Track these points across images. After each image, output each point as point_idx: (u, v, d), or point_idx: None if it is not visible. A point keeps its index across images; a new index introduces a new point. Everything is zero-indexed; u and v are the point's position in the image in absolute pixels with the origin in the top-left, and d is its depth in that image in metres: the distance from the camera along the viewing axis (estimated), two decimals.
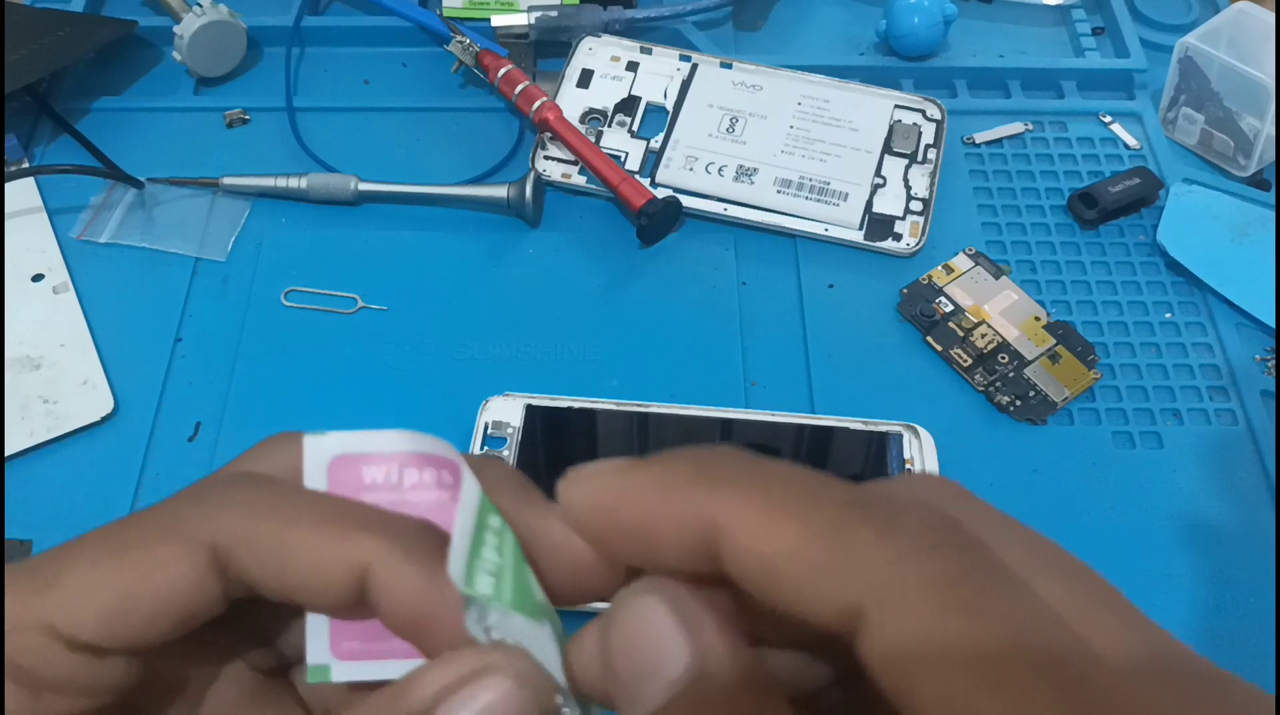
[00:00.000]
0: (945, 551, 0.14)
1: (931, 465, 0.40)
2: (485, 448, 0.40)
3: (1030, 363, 0.45)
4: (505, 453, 0.40)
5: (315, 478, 0.19)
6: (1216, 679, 0.14)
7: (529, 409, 0.41)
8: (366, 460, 0.19)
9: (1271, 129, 0.49)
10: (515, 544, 0.18)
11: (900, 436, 0.41)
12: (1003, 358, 0.45)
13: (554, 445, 0.41)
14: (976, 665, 0.13)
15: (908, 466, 0.40)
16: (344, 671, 0.18)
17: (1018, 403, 0.44)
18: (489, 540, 0.17)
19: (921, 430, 0.41)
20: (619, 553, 0.17)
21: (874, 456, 0.40)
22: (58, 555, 0.18)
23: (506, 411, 0.41)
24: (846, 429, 0.41)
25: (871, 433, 0.41)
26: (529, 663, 0.17)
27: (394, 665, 0.18)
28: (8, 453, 0.41)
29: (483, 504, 0.18)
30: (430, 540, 0.18)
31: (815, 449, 0.41)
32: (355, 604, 0.18)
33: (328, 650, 0.19)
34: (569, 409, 0.41)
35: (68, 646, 0.17)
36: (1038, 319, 0.46)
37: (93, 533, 0.19)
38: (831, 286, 0.47)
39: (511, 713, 0.16)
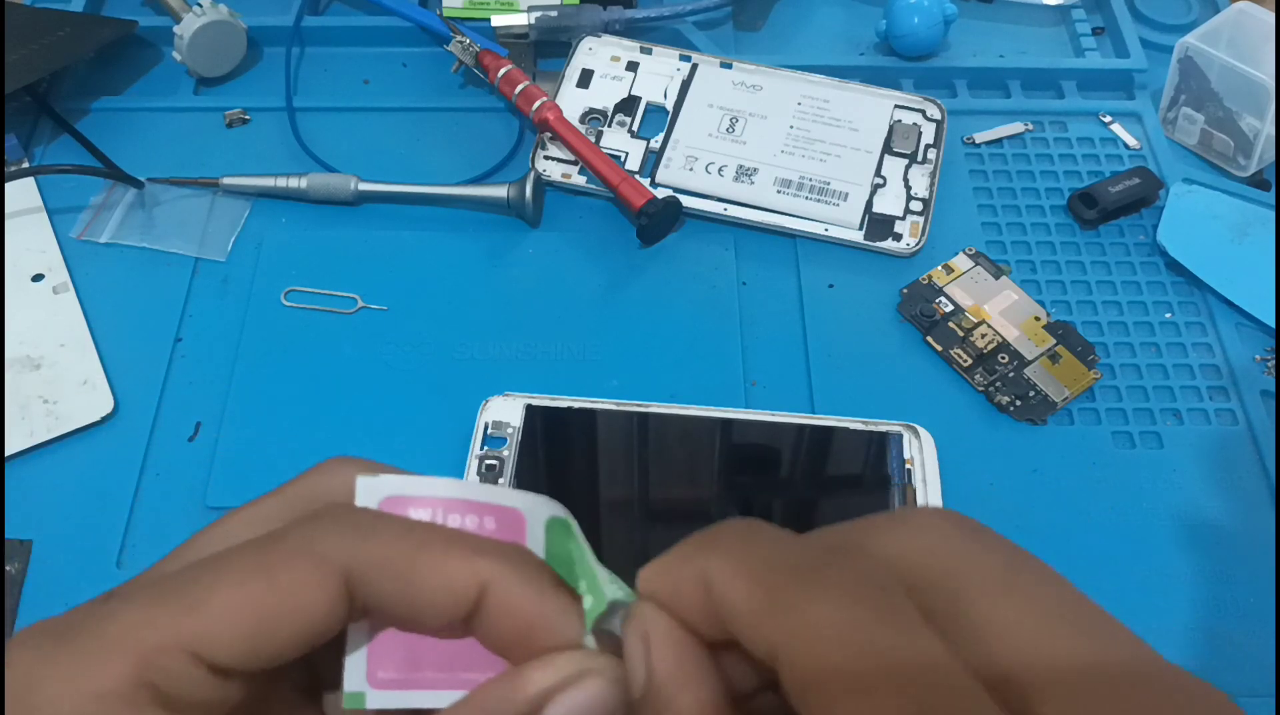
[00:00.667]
0: (856, 599, 0.17)
1: (931, 465, 0.40)
2: (485, 447, 0.40)
3: (1030, 363, 0.45)
4: (505, 453, 0.40)
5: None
6: (1181, 687, 0.16)
7: (529, 409, 0.41)
8: (414, 502, 0.21)
9: (1271, 129, 0.49)
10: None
11: (900, 436, 0.41)
12: (1003, 358, 0.45)
13: (554, 445, 0.41)
14: (851, 683, 0.16)
15: (907, 466, 0.40)
16: (378, 700, 0.19)
17: (1018, 403, 0.44)
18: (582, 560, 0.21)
19: (921, 430, 0.41)
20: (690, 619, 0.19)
21: (874, 456, 0.40)
22: (200, 574, 0.19)
23: (506, 411, 0.41)
24: (846, 429, 0.41)
25: (871, 433, 0.41)
26: (620, 666, 0.19)
27: (427, 695, 0.19)
28: (8, 453, 0.41)
29: (549, 534, 0.22)
30: (534, 562, 0.20)
31: (815, 449, 0.41)
32: (467, 619, 0.20)
33: (364, 679, 0.19)
34: (569, 409, 0.41)
35: (209, 669, 0.18)
36: (1038, 319, 0.46)
37: (232, 551, 0.19)
38: (831, 286, 0.47)
39: (606, 710, 0.19)
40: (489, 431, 0.40)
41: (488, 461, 0.40)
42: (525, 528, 0.22)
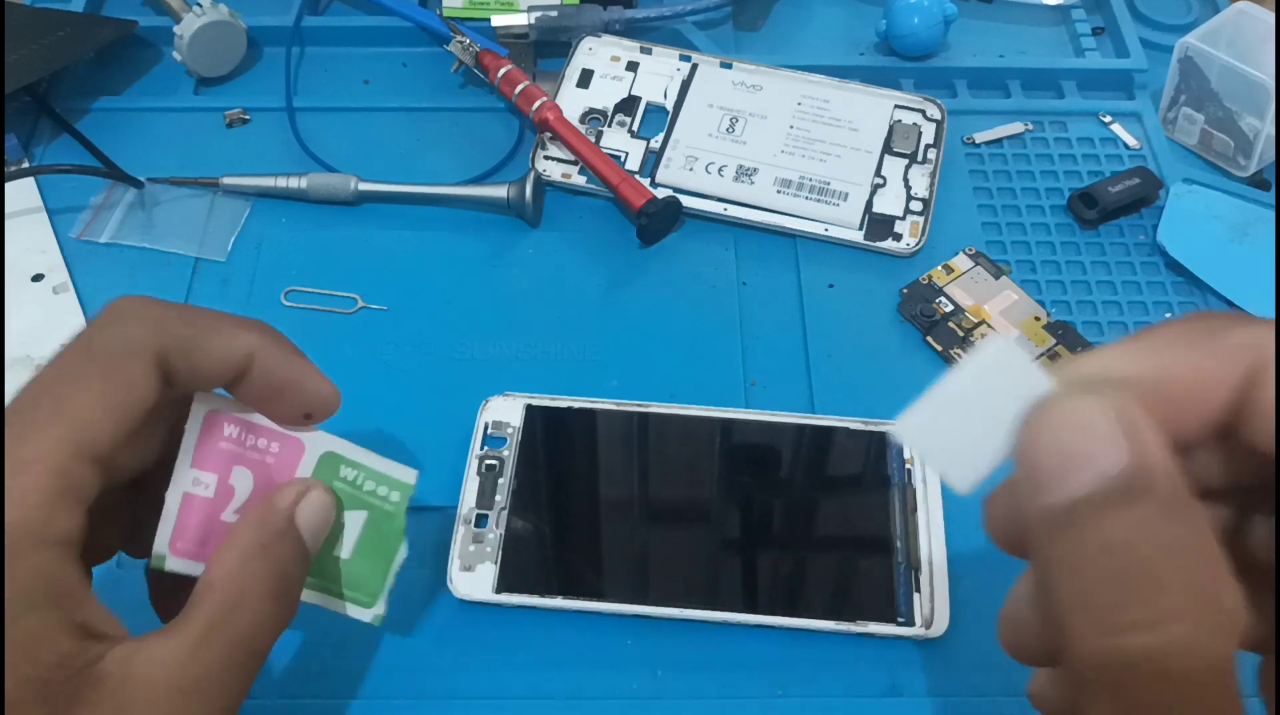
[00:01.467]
0: None
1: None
2: (485, 447, 0.40)
3: None
4: (505, 453, 0.40)
5: (193, 422, 0.29)
6: None
7: (529, 409, 0.41)
8: (228, 419, 0.30)
9: (1271, 129, 0.49)
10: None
11: None
12: None
13: (554, 445, 0.40)
14: None
15: (908, 466, 0.40)
16: (174, 564, 0.29)
17: None
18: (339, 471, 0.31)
19: None
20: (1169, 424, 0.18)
21: (874, 456, 0.40)
22: (57, 393, 0.26)
23: (506, 411, 0.41)
24: (846, 429, 0.41)
25: (872, 433, 0.41)
26: (329, 491, 0.30)
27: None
28: None
29: (320, 461, 0.31)
30: (287, 343, 0.29)
31: (815, 449, 0.41)
32: (239, 380, 0.28)
33: (167, 545, 0.29)
34: (569, 409, 0.41)
35: (98, 464, 0.25)
36: (1038, 319, 0.46)
37: (68, 369, 0.26)
38: (831, 286, 0.47)
39: (329, 509, 0.30)
40: (489, 431, 0.40)
41: (487, 461, 0.40)
42: (304, 453, 0.31)
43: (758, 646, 0.37)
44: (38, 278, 0.47)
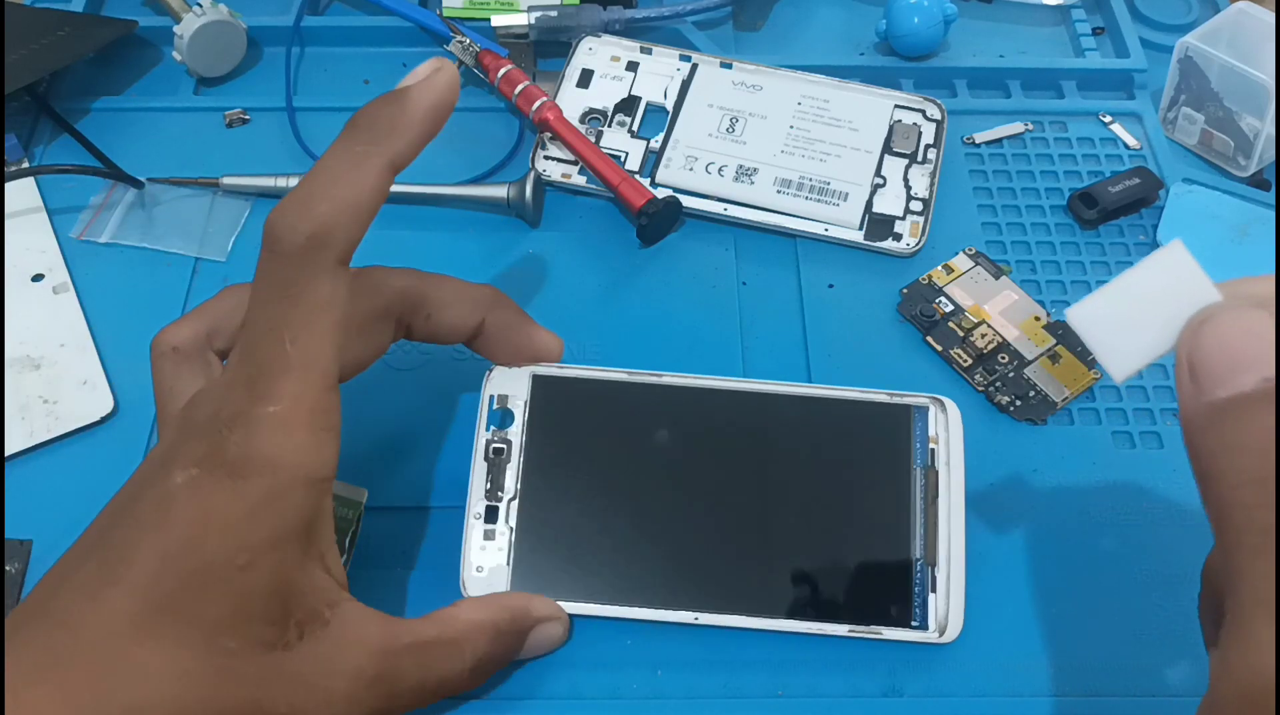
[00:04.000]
0: None
1: (957, 442, 0.38)
2: (491, 428, 0.38)
3: (1030, 363, 0.45)
4: (512, 435, 0.38)
5: None
6: None
7: (536, 379, 0.39)
8: None
9: (1271, 129, 0.49)
10: None
11: (926, 411, 0.39)
12: (1003, 358, 0.45)
13: (566, 417, 0.39)
14: None
15: (931, 446, 0.38)
16: None
17: (1018, 403, 0.44)
18: None
19: (949, 404, 0.38)
20: None
21: (897, 430, 0.38)
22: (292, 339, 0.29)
23: (512, 384, 0.39)
24: (870, 402, 0.39)
25: (893, 406, 0.39)
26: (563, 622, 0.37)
27: None
28: (8, 453, 0.41)
29: None
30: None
31: (836, 423, 0.39)
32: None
33: None
34: (578, 379, 0.39)
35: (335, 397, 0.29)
36: (1038, 319, 0.46)
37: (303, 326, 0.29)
38: (831, 286, 0.47)
39: (552, 638, 0.36)
40: (494, 405, 0.38)
41: (495, 445, 0.38)
42: None
43: (758, 646, 0.37)
44: (38, 278, 0.47)
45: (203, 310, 0.33)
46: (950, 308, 0.46)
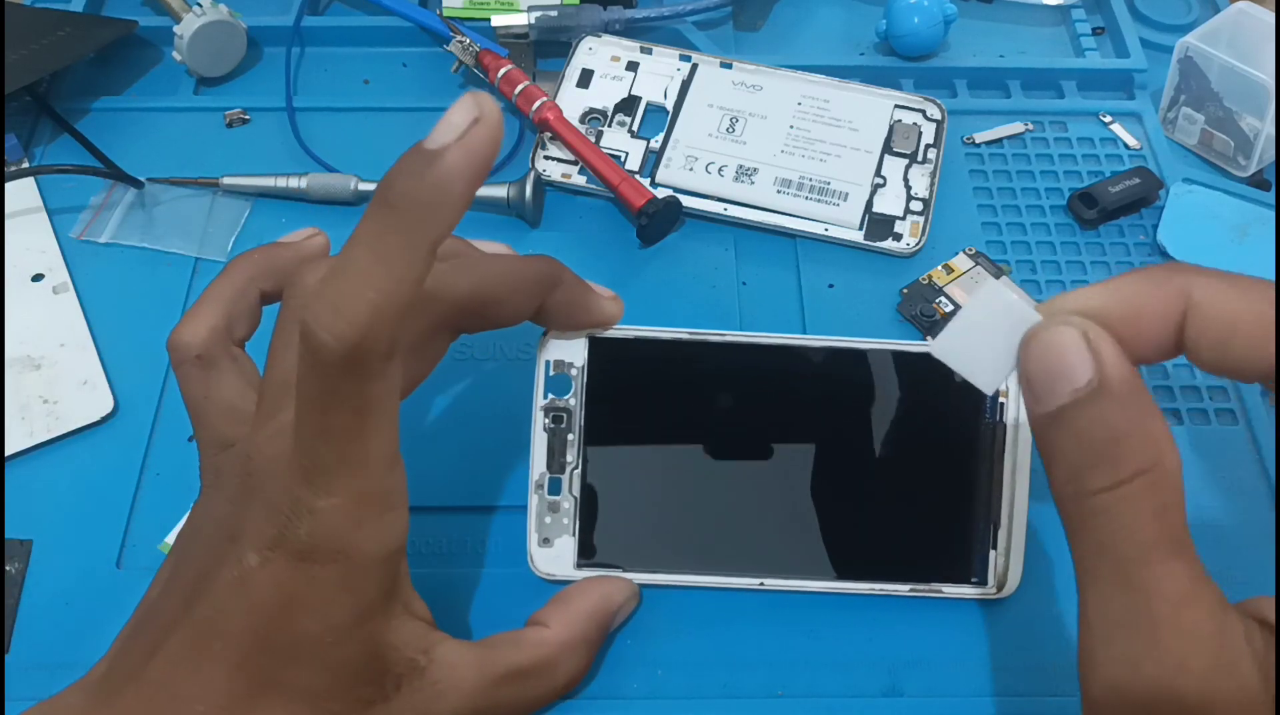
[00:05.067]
0: None
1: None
2: (549, 396, 0.37)
3: None
4: (571, 401, 0.37)
5: None
6: None
7: (593, 343, 0.37)
8: None
9: (1271, 129, 0.49)
10: None
11: None
12: None
13: (624, 380, 0.37)
14: None
15: (1001, 400, 0.36)
16: None
17: None
18: None
19: None
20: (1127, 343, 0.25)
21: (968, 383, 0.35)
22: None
23: (568, 349, 0.37)
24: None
25: None
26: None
27: None
28: (8, 453, 0.41)
29: None
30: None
31: (902, 377, 0.37)
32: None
33: None
34: (635, 340, 0.37)
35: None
36: None
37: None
38: (831, 286, 0.47)
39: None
40: (550, 371, 0.37)
41: (554, 413, 0.37)
42: None
43: (758, 646, 0.37)
44: (38, 278, 0.47)
45: (215, 296, 0.32)
46: (950, 308, 0.46)
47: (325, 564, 0.26)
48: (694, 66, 0.53)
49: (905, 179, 0.50)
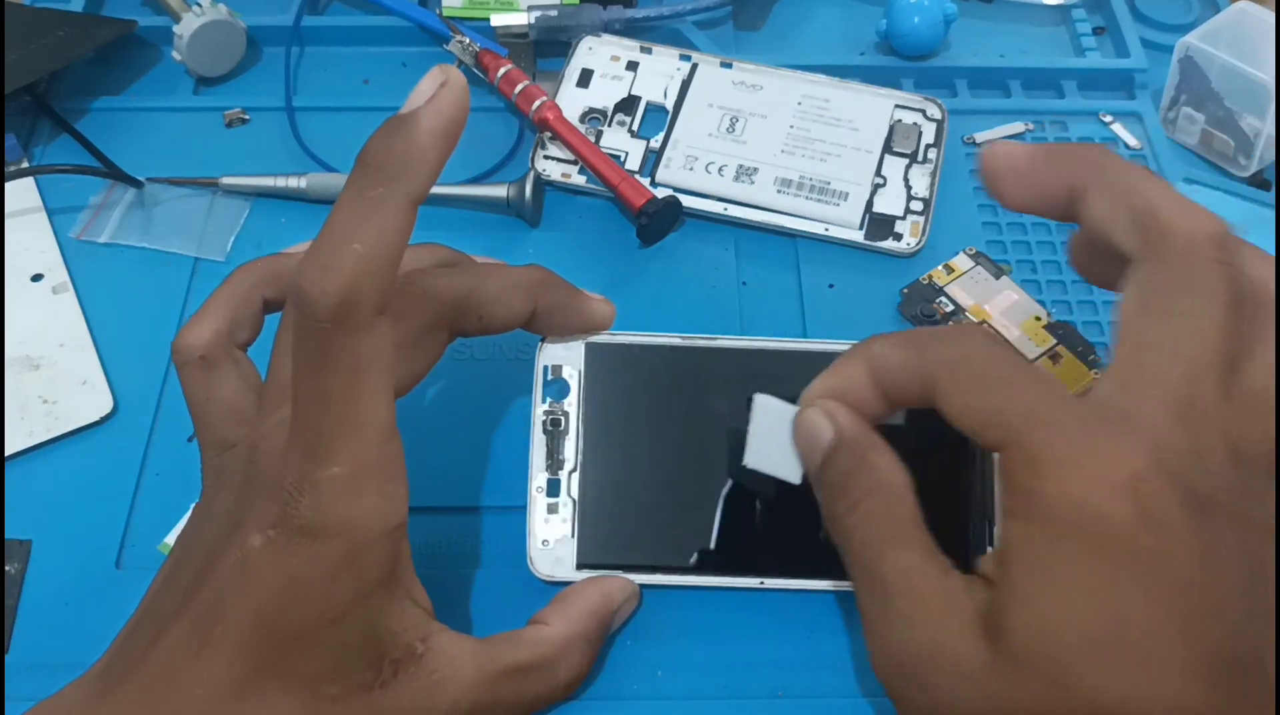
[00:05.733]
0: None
1: None
2: (547, 400, 0.37)
3: (1031, 362, 0.44)
4: (569, 406, 0.38)
5: None
6: None
7: (589, 348, 0.38)
8: None
9: (1271, 129, 0.49)
10: None
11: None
12: None
13: (621, 384, 0.38)
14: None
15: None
16: None
17: None
18: None
19: None
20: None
21: None
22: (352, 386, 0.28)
23: (565, 354, 0.38)
24: None
25: None
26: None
27: None
28: (7, 453, 0.41)
29: None
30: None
31: None
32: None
33: None
34: (632, 346, 0.38)
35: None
36: (1038, 319, 0.46)
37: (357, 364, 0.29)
38: (832, 286, 0.47)
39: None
40: (549, 376, 0.38)
41: (552, 417, 0.37)
42: None
43: (758, 647, 0.37)
44: (37, 278, 0.47)
45: (219, 302, 0.33)
46: (951, 308, 0.46)
47: (328, 539, 0.27)
48: (694, 66, 0.53)
49: (905, 179, 0.50)
